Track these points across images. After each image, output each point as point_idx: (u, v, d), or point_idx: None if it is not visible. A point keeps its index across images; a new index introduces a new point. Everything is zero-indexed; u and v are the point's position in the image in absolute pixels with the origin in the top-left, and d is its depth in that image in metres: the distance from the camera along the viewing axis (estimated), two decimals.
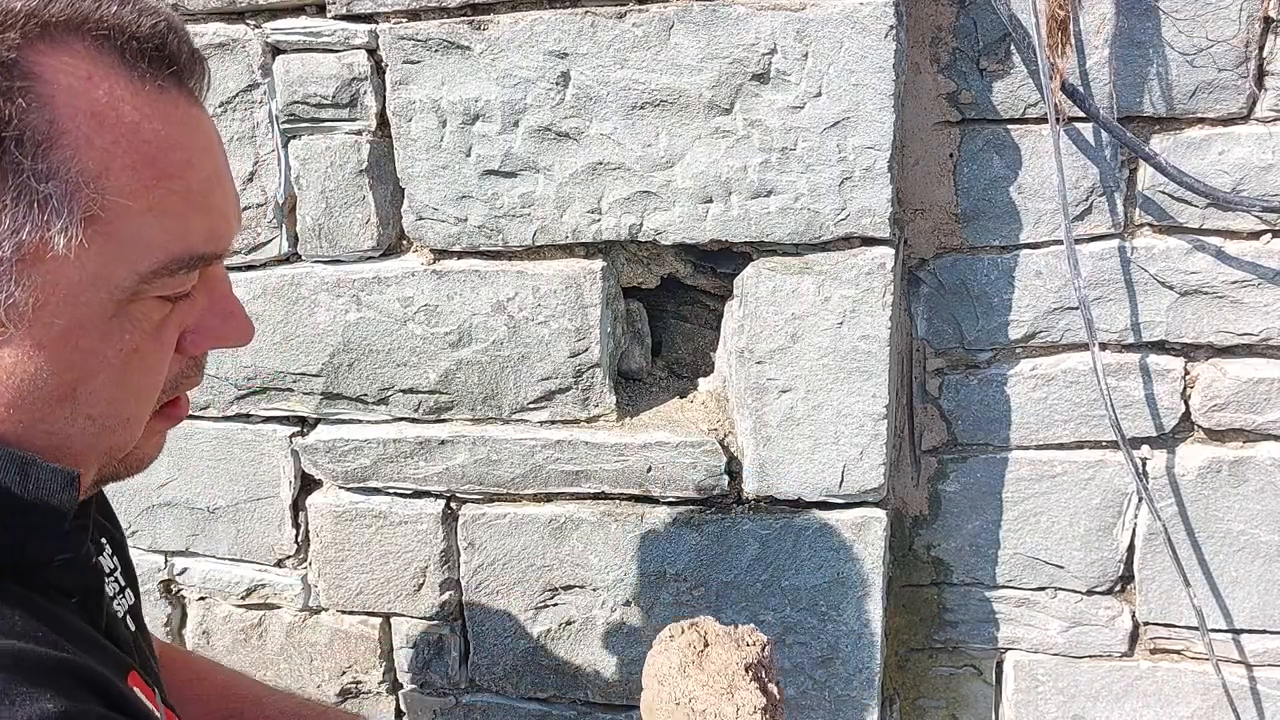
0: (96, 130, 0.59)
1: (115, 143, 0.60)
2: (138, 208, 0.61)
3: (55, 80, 0.58)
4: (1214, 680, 1.45)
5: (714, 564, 1.38)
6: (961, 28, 1.33)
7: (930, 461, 1.50)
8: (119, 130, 0.60)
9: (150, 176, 0.62)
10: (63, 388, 0.63)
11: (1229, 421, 1.39)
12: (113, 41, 0.61)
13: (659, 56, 1.23)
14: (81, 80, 0.59)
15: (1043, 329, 1.41)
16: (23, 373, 0.61)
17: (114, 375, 0.65)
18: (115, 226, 0.60)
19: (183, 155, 0.64)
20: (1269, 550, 1.42)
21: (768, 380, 1.32)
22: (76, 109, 0.59)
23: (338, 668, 1.56)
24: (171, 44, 0.64)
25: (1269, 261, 1.34)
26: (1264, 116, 1.30)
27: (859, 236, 1.26)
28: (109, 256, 0.61)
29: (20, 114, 0.57)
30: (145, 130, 0.62)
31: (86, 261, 0.60)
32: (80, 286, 0.61)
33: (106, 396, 0.66)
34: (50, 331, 0.61)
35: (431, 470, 1.43)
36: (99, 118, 0.59)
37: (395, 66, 1.30)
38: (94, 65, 0.60)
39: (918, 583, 1.56)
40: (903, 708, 1.61)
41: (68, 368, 0.63)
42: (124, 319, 0.64)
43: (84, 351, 0.63)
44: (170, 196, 0.63)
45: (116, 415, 0.68)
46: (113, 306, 0.63)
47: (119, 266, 0.62)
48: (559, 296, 1.33)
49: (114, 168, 0.60)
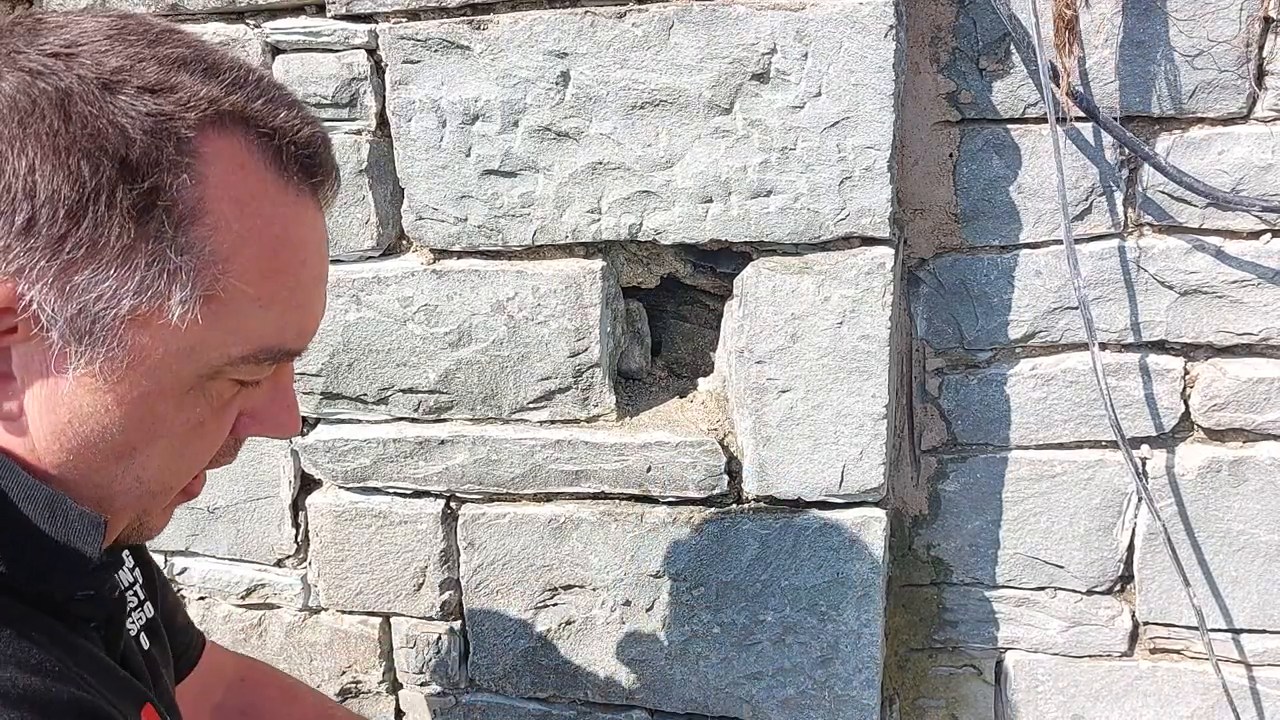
0: (237, 216, 0.62)
1: (250, 231, 0.63)
2: (250, 295, 0.64)
3: (215, 162, 0.61)
4: (1214, 680, 1.45)
5: (714, 564, 1.38)
6: (961, 27, 1.33)
7: (930, 461, 1.50)
8: (256, 221, 0.63)
9: (269, 269, 0.65)
10: (125, 446, 0.65)
11: (1229, 421, 1.39)
12: (274, 141, 0.64)
13: (659, 56, 1.23)
14: (236, 169, 0.62)
15: (1042, 329, 1.41)
16: (95, 424, 0.63)
17: (174, 444, 0.68)
18: (226, 309, 0.63)
19: (300, 256, 0.67)
20: (1269, 550, 1.42)
21: (767, 380, 1.32)
22: (225, 193, 0.62)
23: (337, 667, 1.56)
24: (321, 155, 0.68)
25: (1269, 261, 1.34)
26: (1264, 116, 1.30)
27: (859, 236, 1.26)
28: (211, 335, 0.63)
29: (178, 188, 0.60)
30: (277, 226, 0.65)
31: (190, 335, 0.63)
32: (175, 356, 0.63)
33: (160, 462, 0.68)
34: (133, 391, 0.63)
35: (431, 470, 1.43)
36: (242, 205, 0.63)
37: (395, 66, 1.30)
38: (250, 157, 0.63)
39: (917, 582, 1.56)
40: (902, 707, 1.61)
41: (136, 428, 0.65)
42: (199, 393, 0.66)
43: (156, 417, 0.65)
44: (280, 292, 0.66)
45: (162, 481, 0.70)
46: (194, 380, 0.65)
47: (216, 347, 0.64)
48: (559, 296, 1.33)
49: (242, 254, 0.63)
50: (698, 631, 1.41)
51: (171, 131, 0.60)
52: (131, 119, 0.59)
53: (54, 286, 0.59)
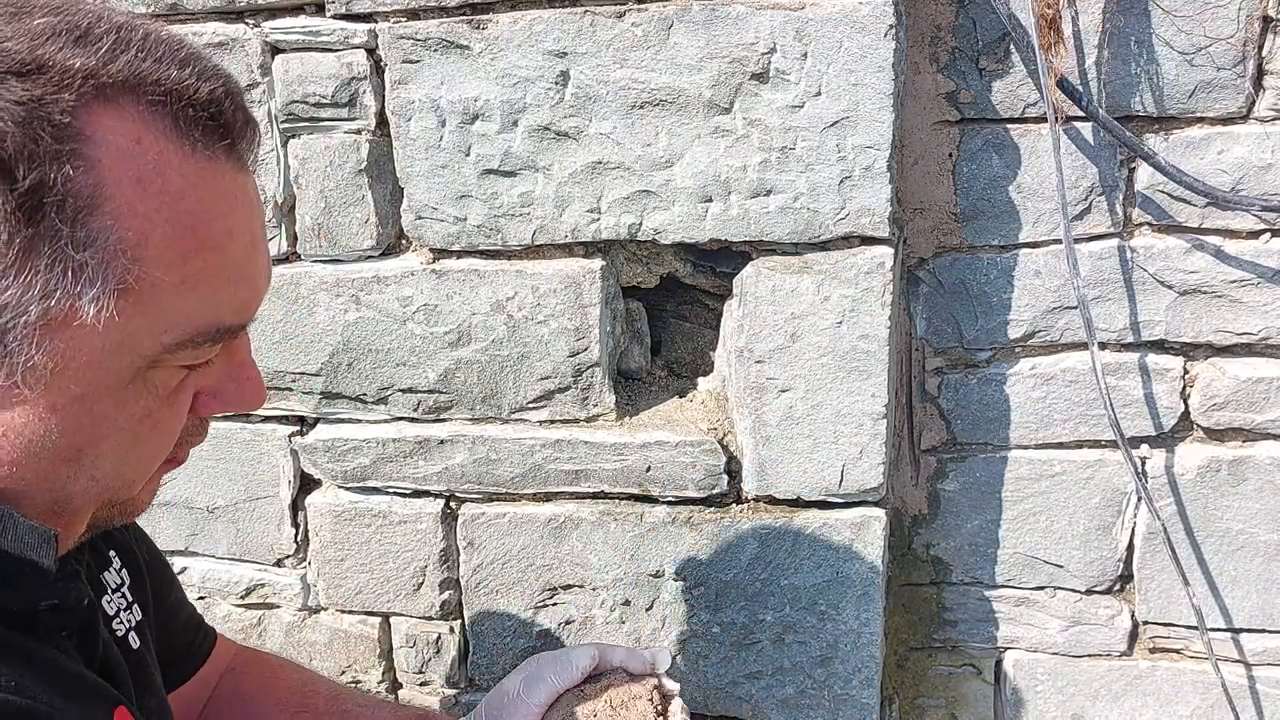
0: (140, 197, 0.57)
1: (158, 211, 0.58)
2: (172, 280, 0.60)
3: (104, 143, 0.56)
4: (1213, 679, 1.46)
5: (713, 563, 1.38)
6: (961, 27, 1.33)
7: (929, 461, 1.51)
8: (163, 199, 0.58)
9: (188, 248, 0.60)
10: (70, 450, 0.62)
11: (1228, 421, 1.40)
12: (168, 106, 0.59)
13: (658, 56, 1.23)
14: (131, 144, 0.57)
15: (1042, 328, 1.41)
16: (31, 433, 0.60)
17: (124, 439, 0.64)
18: (147, 298, 0.59)
19: (223, 227, 0.62)
20: (1268, 549, 1.42)
21: (767, 380, 1.32)
22: (122, 175, 0.57)
23: (337, 667, 1.56)
24: (228, 111, 0.62)
25: (1268, 261, 1.34)
26: (1263, 116, 1.30)
27: (858, 236, 1.26)
28: (136, 327, 0.59)
29: (65, 179, 0.55)
30: (189, 200, 0.60)
31: (112, 331, 0.58)
32: (102, 354, 0.59)
33: (113, 459, 0.65)
34: (65, 395, 0.60)
35: (431, 470, 1.43)
36: (144, 184, 0.58)
37: (394, 66, 1.30)
38: (145, 129, 0.58)
39: (917, 582, 1.56)
40: (902, 707, 1.61)
41: (77, 430, 0.61)
42: (141, 385, 0.63)
43: (97, 417, 0.62)
44: (206, 269, 0.61)
45: (121, 476, 0.67)
46: (131, 374, 0.61)
47: (145, 337, 0.60)
48: (558, 296, 1.33)
49: (153, 238, 0.58)
50: (697, 631, 1.41)
51: (46, 118, 0.54)
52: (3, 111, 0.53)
53: None
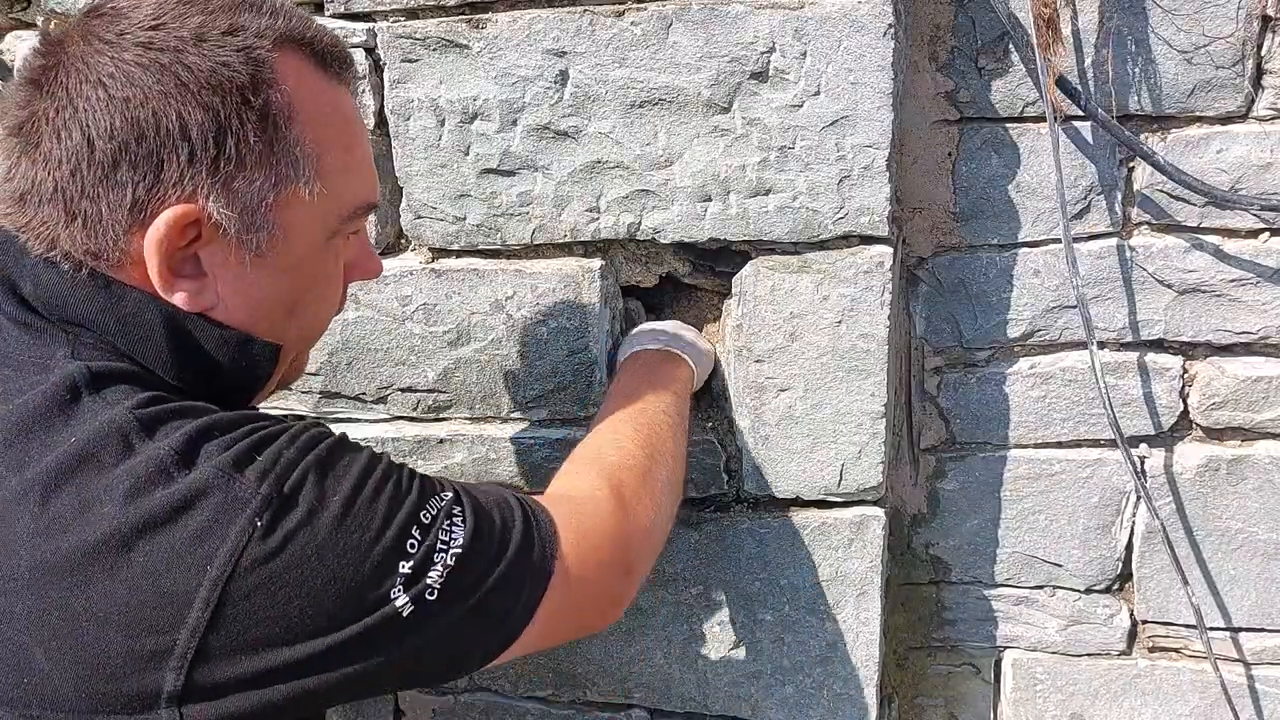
0: (315, 110, 0.80)
1: (327, 120, 0.82)
2: (340, 167, 0.83)
3: (287, 74, 0.78)
4: (1212, 678, 1.46)
5: (713, 563, 1.38)
6: (960, 26, 1.33)
7: (929, 460, 1.51)
8: (326, 111, 0.82)
9: (346, 145, 0.84)
10: (290, 302, 0.84)
11: (1227, 420, 1.40)
12: (314, 49, 0.82)
13: (657, 55, 1.23)
14: (303, 75, 0.80)
15: (1041, 327, 1.41)
16: (269, 288, 0.82)
17: (320, 294, 0.88)
18: (330, 182, 0.81)
19: (357, 130, 0.87)
20: (1267, 548, 1.42)
21: (766, 379, 1.32)
22: (302, 95, 0.79)
23: None
24: (346, 52, 0.86)
25: (1267, 260, 1.34)
26: (1262, 115, 1.30)
27: (857, 235, 1.26)
28: (328, 204, 0.82)
29: (276, 98, 0.77)
30: (340, 112, 0.84)
31: (315, 207, 0.81)
32: (311, 225, 0.82)
33: (313, 310, 0.89)
34: (290, 259, 0.81)
35: (430, 469, 1.42)
36: (315, 101, 0.81)
37: (393, 65, 1.30)
38: (304, 65, 0.81)
39: (916, 581, 1.56)
40: (901, 706, 1.61)
41: (296, 286, 0.84)
42: (329, 250, 0.86)
43: (307, 275, 0.84)
44: (355, 159, 0.86)
45: (315, 327, 0.92)
46: (325, 240, 0.84)
47: (333, 211, 0.83)
48: (557, 295, 1.33)
49: (328, 137, 0.82)
50: (696, 630, 1.41)
51: (259, 58, 0.76)
52: (230, 58, 0.75)
53: (221, 196, 0.76)
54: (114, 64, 0.74)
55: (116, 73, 0.73)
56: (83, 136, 0.73)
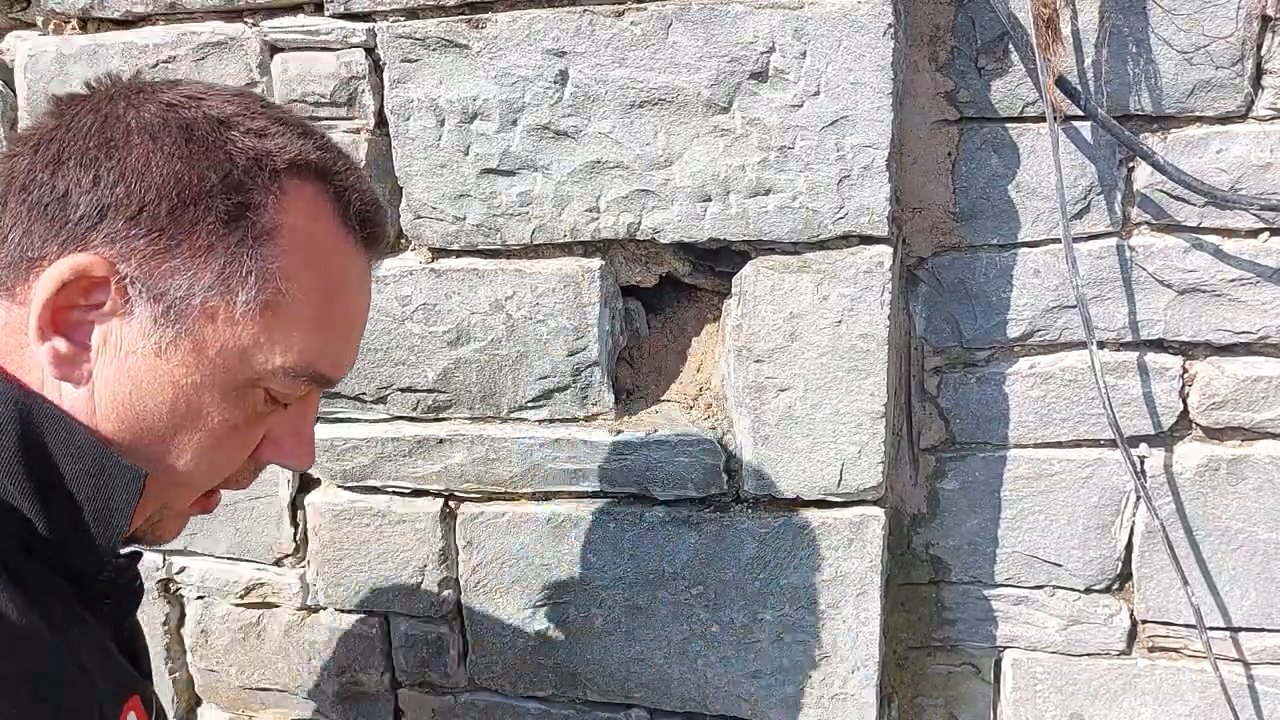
0: (304, 246, 0.74)
1: (312, 260, 0.74)
2: (304, 316, 0.74)
3: (295, 199, 0.73)
4: (1212, 678, 1.46)
5: (713, 562, 1.38)
6: (960, 26, 1.33)
7: (929, 460, 1.51)
8: (319, 254, 0.75)
9: (321, 295, 0.75)
10: (169, 430, 0.73)
11: (1227, 420, 1.40)
12: (342, 196, 0.77)
13: (657, 55, 1.23)
14: (310, 208, 0.74)
15: (1041, 327, 1.41)
16: (150, 400, 0.71)
17: (209, 440, 0.75)
18: (279, 319, 0.73)
19: (347, 295, 0.79)
20: (1267, 548, 1.42)
21: (766, 379, 1.32)
22: (298, 225, 0.73)
23: (337, 666, 1.56)
24: (380, 220, 0.81)
25: (1267, 260, 1.34)
26: (1261, 115, 1.30)
27: (857, 235, 1.26)
28: (262, 340, 0.73)
29: (262, 208, 0.71)
30: (336, 265, 0.77)
31: (244, 336, 0.72)
32: (230, 353, 0.72)
33: (194, 454, 0.75)
34: (189, 377, 0.72)
35: (430, 469, 1.42)
36: (310, 238, 0.74)
37: (393, 65, 1.30)
38: (323, 204, 0.75)
39: (916, 581, 1.56)
40: (901, 706, 1.61)
41: (184, 413, 0.73)
42: (240, 397, 0.74)
43: (201, 407, 0.73)
44: (325, 317, 0.76)
45: (190, 475, 0.76)
46: (239, 383, 0.73)
47: (263, 352, 0.73)
48: (557, 295, 1.33)
49: (303, 277, 0.74)
50: (696, 630, 1.41)
51: (268, 165, 0.72)
52: (238, 149, 0.71)
53: (146, 268, 0.69)
54: (126, 109, 0.71)
55: (124, 116, 0.70)
56: (54, 157, 0.70)
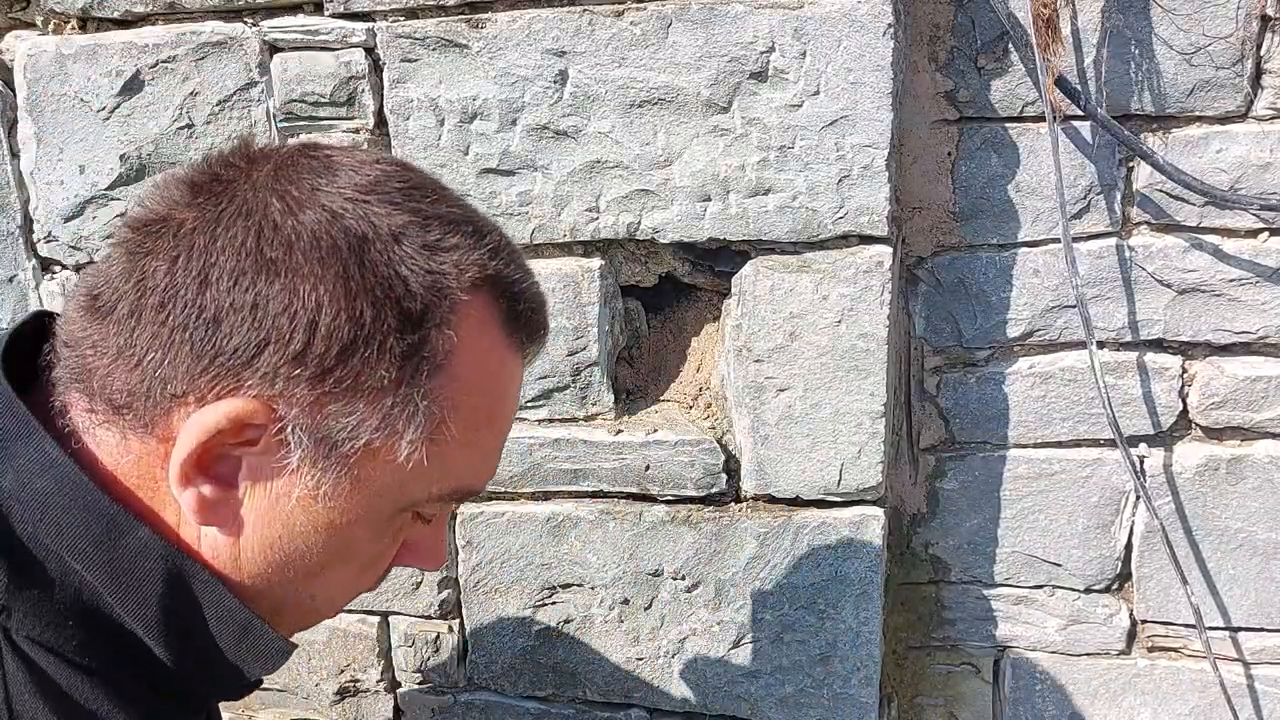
0: (473, 371, 0.66)
1: (480, 385, 0.67)
2: (463, 441, 0.67)
3: (467, 320, 0.65)
4: (1211, 678, 1.46)
5: (712, 562, 1.38)
6: (959, 26, 1.33)
7: (928, 460, 1.51)
8: (486, 377, 0.68)
9: (483, 419, 0.69)
10: (319, 565, 0.68)
11: (1227, 419, 1.40)
12: (514, 306, 0.69)
13: (657, 55, 1.23)
14: (481, 326, 0.67)
15: (1040, 327, 1.41)
16: (302, 542, 0.66)
17: (354, 569, 0.71)
18: (443, 451, 0.66)
19: (505, 410, 0.73)
20: (1266, 548, 1.42)
21: (766, 379, 1.32)
22: (469, 349, 0.65)
23: (336, 666, 1.56)
24: (543, 321, 0.73)
25: (1267, 260, 1.34)
26: (1261, 115, 1.30)
27: (857, 235, 1.26)
28: (422, 474, 0.66)
29: (437, 341, 0.63)
30: (500, 383, 0.70)
31: (405, 473, 0.65)
32: (388, 489, 0.66)
33: (338, 584, 0.71)
34: (344, 517, 0.66)
35: None
36: (479, 362, 0.67)
37: (393, 65, 1.30)
38: (493, 317, 0.67)
39: (916, 581, 1.56)
40: (901, 706, 1.61)
41: (335, 551, 0.67)
42: (393, 524, 0.70)
43: (352, 542, 0.68)
44: (484, 440, 0.71)
45: (333, 602, 0.73)
46: (394, 514, 0.68)
47: (424, 485, 0.67)
48: (557, 295, 1.33)
49: (468, 405, 0.67)
50: (696, 630, 1.41)
51: (447, 290, 0.63)
52: (415, 273, 0.62)
53: (308, 411, 0.61)
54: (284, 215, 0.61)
55: (281, 225, 0.61)
56: (200, 272, 0.60)
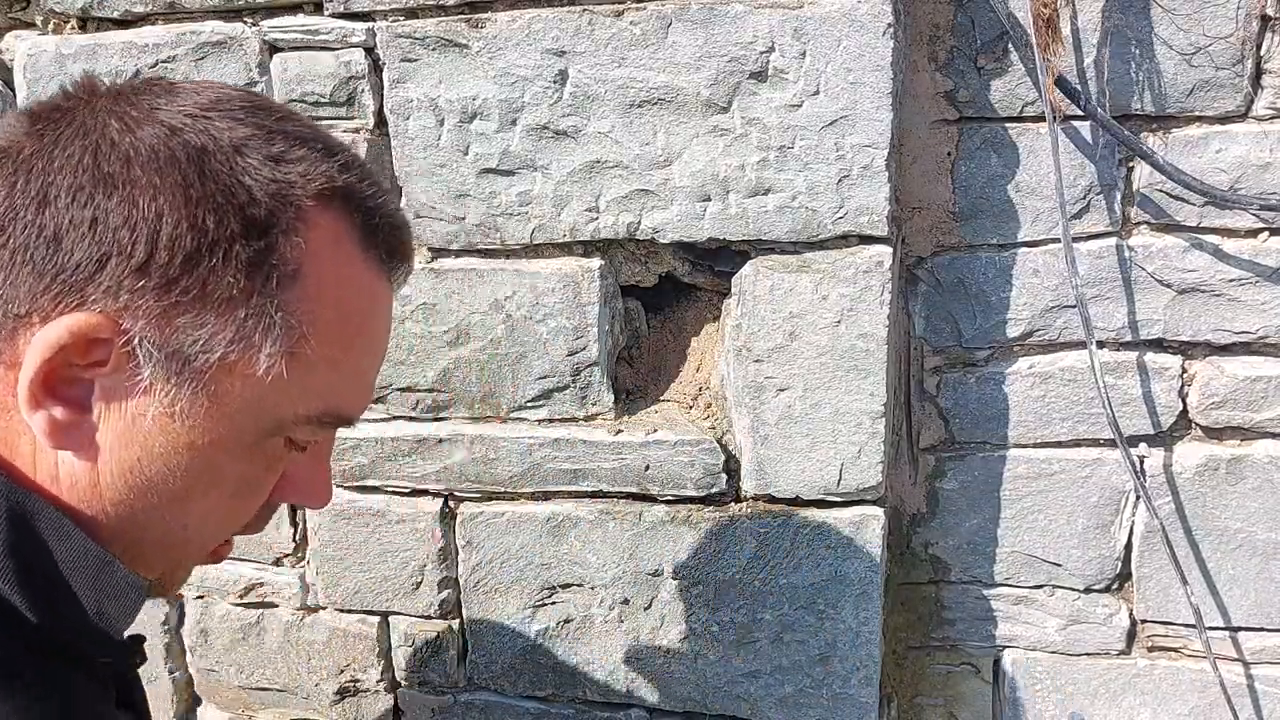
0: (329, 285, 0.66)
1: (338, 300, 0.67)
2: (327, 359, 0.67)
3: (319, 230, 0.65)
4: (1211, 678, 1.46)
5: (712, 562, 1.38)
6: (959, 26, 1.33)
7: (928, 459, 1.51)
8: (344, 291, 0.68)
9: (346, 338, 0.69)
10: (183, 491, 0.67)
11: (1226, 419, 1.40)
12: (369, 220, 0.69)
13: (656, 55, 1.23)
14: (335, 240, 0.67)
15: (1040, 327, 1.41)
16: (162, 465, 0.65)
17: (225, 496, 0.69)
18: (305, 367, 0.66)
19: (371, 331, 0.73)
20: (1266, 548, 1.42)
21: (765, 379, 1.32)
22: (323, 262, 0.65)
23: (336, 666, 1.56)
24: (406, 241, 0.74)
25: (1266, 260, 1.34)
26: (1261, 115, 1.30)
27: (857, 235, 1.26)
28: (286, 391, 0.66)
29: (285, 250, 0.63)
30: (362, 300, 0.70)
31: (268, 388, 0.65)
32: (250, 407, 0.65)
33: (207, 511, 0.69)
34: (204, 437, 0.65)
35: (429, 469, 1.43)
36: (335, 275, 0.67)
37: (392, 65, 1.30)
38: (347, 232, 0.67)
39: (916, 581, 1.56)
40: (901, 706, 1.61)
41: (197, 475, 0.66)
42: (258, 448, 0.68)
43: (216, 466, 0.67)
44: (351, 360, 0.70)
45: (203, 533, 0.71)
46: (258, 435, 0.67)
47: (287, 403, 0.67)
48: (557, 295, 1.33)
49: (327, 319, 0.66)
50: (696, 630, 1.41)
51: (292, 198, 0.63)
52: (259, 182, 0.62)
53: (156, 325, 0.61)
54: (121, 133, 0.61)
55: (119, 141, 0.61)
56: (39, 192, 0.60)
